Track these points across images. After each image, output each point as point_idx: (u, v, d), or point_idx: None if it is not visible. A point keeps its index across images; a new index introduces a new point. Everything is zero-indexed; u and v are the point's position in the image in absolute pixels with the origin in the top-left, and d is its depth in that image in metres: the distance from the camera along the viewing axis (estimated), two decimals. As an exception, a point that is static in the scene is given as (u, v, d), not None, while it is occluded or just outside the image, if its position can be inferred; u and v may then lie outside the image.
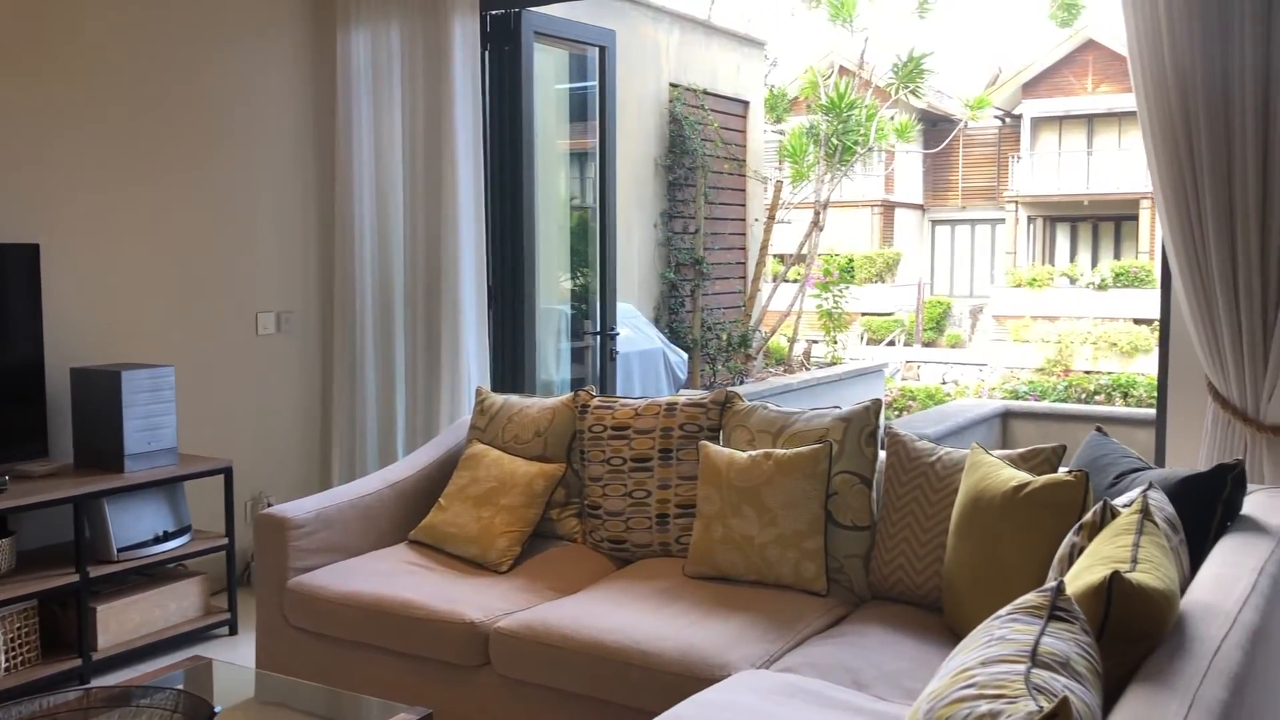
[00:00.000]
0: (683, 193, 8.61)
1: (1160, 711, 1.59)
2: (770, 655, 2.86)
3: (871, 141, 9.86)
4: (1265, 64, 3.19)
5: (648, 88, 8.32)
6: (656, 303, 8.44)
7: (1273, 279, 3.25)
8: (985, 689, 1.55)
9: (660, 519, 3.57)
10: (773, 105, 10.77)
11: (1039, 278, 23.37)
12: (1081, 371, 17.73)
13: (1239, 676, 1.78)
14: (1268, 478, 3.32)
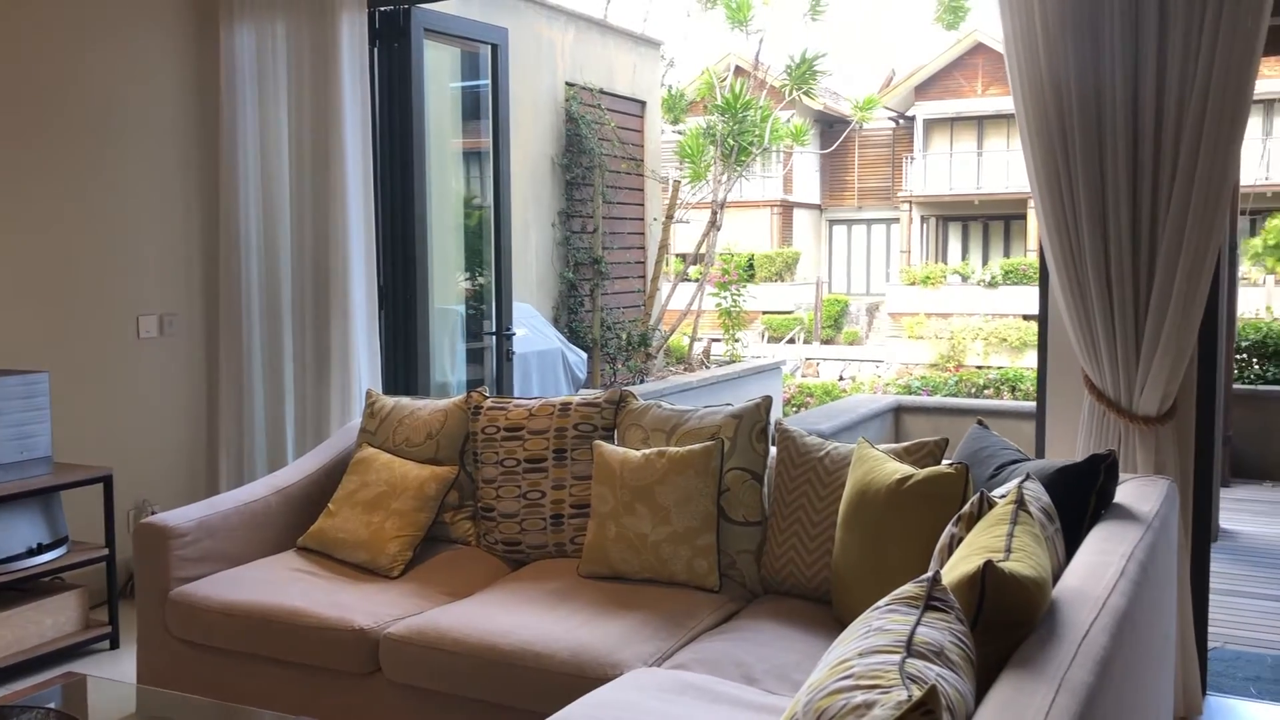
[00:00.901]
0: (580, 192, 8.60)
1: (1028, 697, 1.63)
2: (662, 652, 2.87)
3: (767, 142, 9.96)
4: (1134, 70, 3.30)
5: (543, 86, 8.28)
6: (555, 302, 8.42)
7: (1143, 278, 3.37)
8: (861, 680, 1.57)
9: (555, 519, 3.56)
10: (670, 105, 10.82)
11: (932, 276, 23.93)
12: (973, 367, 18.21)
13: (1105, 660, 1.84)
14: (1140, 467, 3.44)
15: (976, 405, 8.33)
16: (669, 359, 10.30)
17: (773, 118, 9.98)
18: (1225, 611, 4.64)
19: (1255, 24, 3.15)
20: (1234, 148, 3.24)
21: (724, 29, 10.21)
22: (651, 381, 8.77)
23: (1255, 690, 3.84)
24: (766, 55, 10.94)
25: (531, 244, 8.12)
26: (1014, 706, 1.61)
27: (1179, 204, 3.27)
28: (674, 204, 9.53)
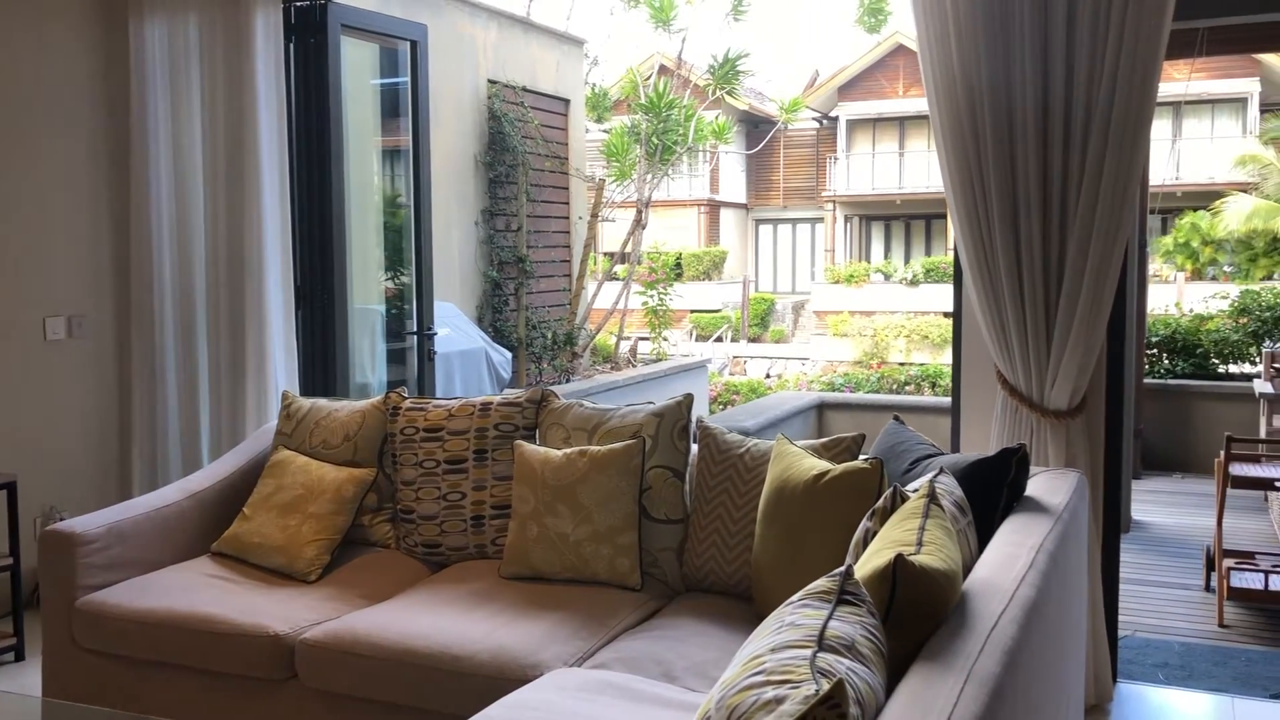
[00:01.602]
0: (504, 190, 8.54)
1: (937, 688, 1.65)
2: (583, 652, 2.86)
3: (691, 141, 9.99)
4: (1043, 73, 3.37)
5: (465, 84, 8.21)
6: (479, 301, 8.35)
7: (1053, 276, 3.44)
8: (773, 675, 1.58)
9: (475, 521, 3.53)
10: (594, 104, 10.80)
11: (856, 274, 24.24)
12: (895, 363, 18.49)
13: (1013, 650, 1.87)
14: (1051, 460, 3.52)
15: (897, 401, 8.46)
16: (595, 358, 10.29)
17: (696, 117, 10.02)
18: (1136, 600, 4.77)
19: (1157, 27, 3.24)
20: (1139, 148, 3.33)
21: (648, 28, 10.23)
22: (578, 381, 8.75)
23: (1163, 676, 3.95)
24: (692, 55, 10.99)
25: (454, 242, 8.05)
26: (923, 698, 1.63)
27: (1087, 203, 3.35)
28: (599, 202, 9.51)
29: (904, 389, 10.90)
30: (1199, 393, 7.68)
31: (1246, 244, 20.11)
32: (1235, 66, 21.92)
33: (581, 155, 9.68)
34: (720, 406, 11.25)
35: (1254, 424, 6.98)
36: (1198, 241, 20.64)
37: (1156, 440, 7.59)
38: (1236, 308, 8.55)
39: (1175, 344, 8.33)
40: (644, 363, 10.22)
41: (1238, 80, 22.31)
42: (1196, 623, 4.51)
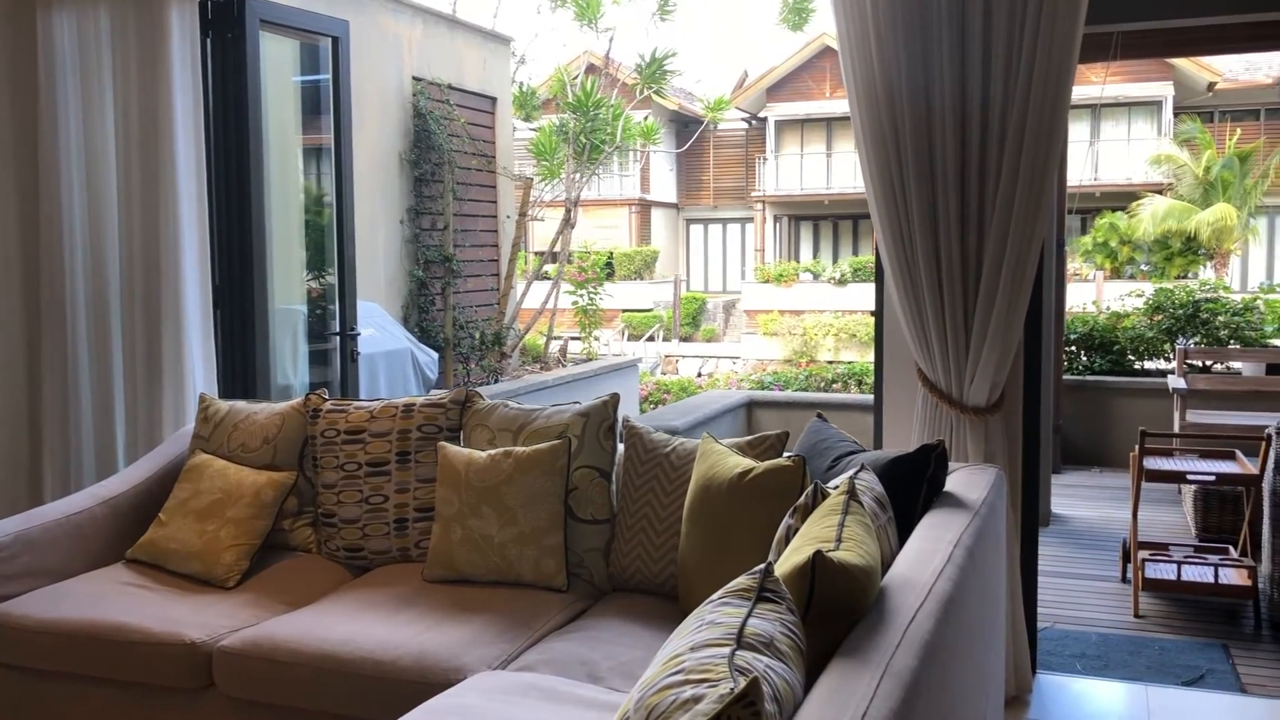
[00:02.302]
0: (430, 189, 8.45)
1: (854, 684, 1.67)
2: (508, 655, 2.84)
3: (619, 141, 9.99)
4: (961, 75, 3.42)
5: (389, 81, 8.12)
6: (405, 301, 8.25)
7: (971, 275, 3.49)
8: (691, 674, 1.58)
9: (399, 524, 3.48)
10: (522, 102, 10.74)
11: (785, 274, 24.45)
12: (824, 362, 18.69)
13: (930, 644, 1.90)
14: (971, 456, 3.57)
15: (824, 399, 8.54)
16: (525, 358, 10.24)
17: (624, 116, 10.01)
18: (1055, 592, 4.86)
19: (1071, 31, 3.30)
20: (1053, 149, 3.39)
21: (575, 27, 10.20)
22: (506, 381, 8.69)
23: (1081, 666, 4.03)
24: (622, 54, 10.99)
25: (379, 242, 7.95)
26: (840, 694, 1.64)
27: (1003, 204, 3.40)
28: (527, 201, 9.46)
29: (831, 387, 11.02)
30: (1116, 388, 7.86)
31: (1163, 243, 20.68)
32: (1150, 71, 22.53)
33: (509, 154, 9.63)
34: (651, 406, 11.26)
35: (1169, 418, 7.16)
36: (1116, 241, 21.17)
37: (1075, 435, 7.76)
38: (1151, 305, 8.77)
39: (1093, 341, 8.52)
40: (574, 362, 10.19)
41: (1152, 84, 22.93)
42: (1113, 614, 4.61)
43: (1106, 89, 21.84)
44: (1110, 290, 16.35)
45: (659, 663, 1.69)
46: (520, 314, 10.07)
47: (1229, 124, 22.86)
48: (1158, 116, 23.53)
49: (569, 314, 11.57)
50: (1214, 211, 19.64)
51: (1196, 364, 7.99)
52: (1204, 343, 8.30)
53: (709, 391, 9.78)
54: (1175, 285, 9.48)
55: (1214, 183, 20.33)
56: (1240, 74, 22.86)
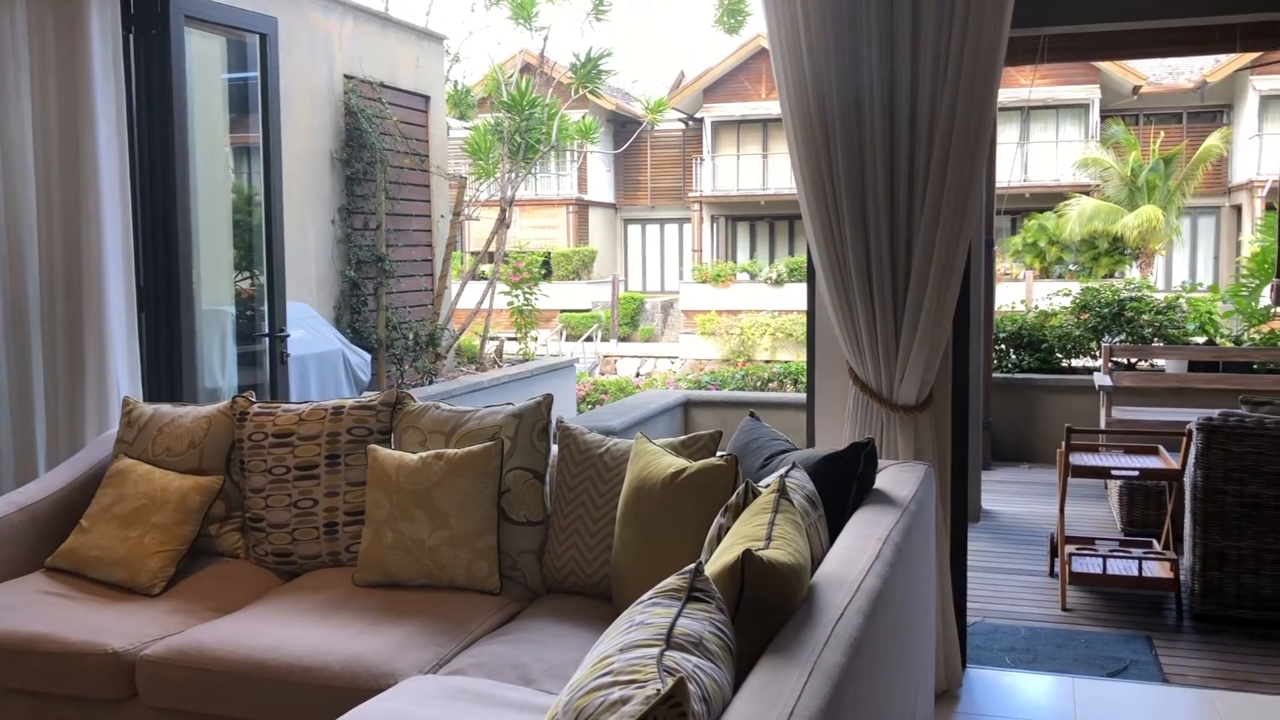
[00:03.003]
0: (362, 188, 8.35)
1: (782, 681, 1.67)
2: (439, 659, 2.82)
3: (555, 140, 9.95)
4: (890, 78, 3.45)
5: (320, 79, 8.00)
6: (337, 302, 8.14)
7: (900, 275, 3.53)
8: (620, 676, 1.57)
9: (329, 528, 3.44)
10: (457, 101, 10.66)
11: (722, 274, 24.58)
12: (761, 361, 18.81)
13: (858, 641, 1.91)
14: (901, 453, 3.61)
15: (760, 398, 8.60)
16: (460, 359, 10.16)
17: (560, 116, 9.98)
18: (985, 587, 4.94)
19: (997, 33, 3.35)
20: (980, 151, 3.43)
21: (510, 25, 10.15)
22: (441, 382, 8.62)
23: (1010, 660, 4.10)
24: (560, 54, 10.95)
25: (310, 241, 7.83)
26: (768, 692, 1.64)
27: (931, 204, 3.45)
28: (461, 200, 9.39)
29: (767, 386, 11.09)
30: (1044, 386, 8.01)
31: (1090, 243, 21.14)
32: (1077, 74, 23.02)
33: (444, 153, 9.55)
34: (589, 406, 11.24)
35: (1096, 415, 7.32)
36: (1044, 241, 21.58)
37: (1005, 432, 7.89)
38: (1078, 304, 8.95)
39: (1021, 339, 8.67)
40: (510, 363, 10.14)
41: (1080, 87, 23.43)
42: (1041, 607, 4.70)
43: (1036, 92, 22.28)
44: (1039, 289, 16.67)
45: (588, 664, 1.68)
46: (456, 314, 9.99)
47: (1153, 127, 23.43)
48: (1085, 119, 24.05)
49: (506, 314, 11.50)
50: (1141, 213, 20.13)
51: (1122, 361, 8.17)
52: (1129, 340, 8.49)
53: (646, 392, 9.79)
54: (1101, 284, 9.69)
55: (1140, 184, 20.83)
56: (1164, 78, 23.45)
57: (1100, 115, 23.75)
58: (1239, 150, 22.59)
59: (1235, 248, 21.68)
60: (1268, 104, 21.34)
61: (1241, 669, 4.00)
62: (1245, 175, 22.13)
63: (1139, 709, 3.71)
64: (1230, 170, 23.22)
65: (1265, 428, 4.31)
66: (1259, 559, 4.35)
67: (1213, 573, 4.41)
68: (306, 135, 7.84)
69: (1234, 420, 4.37)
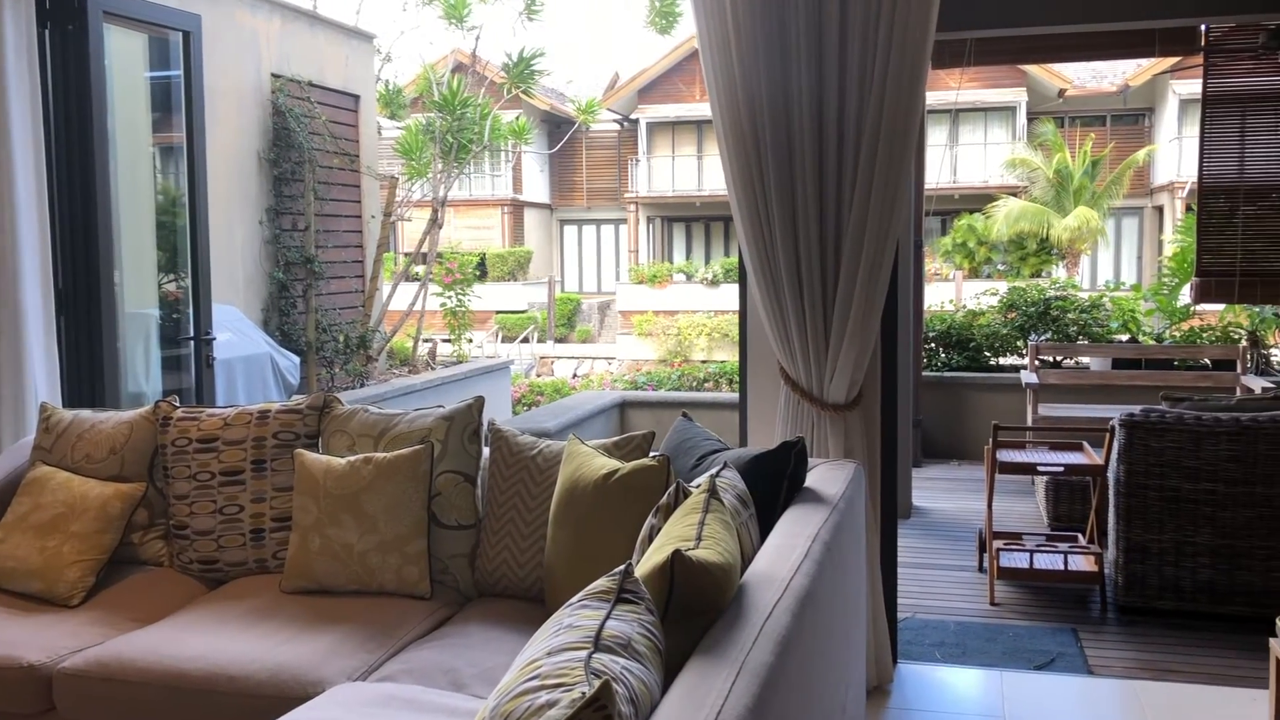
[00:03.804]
0: (291, 188, 8.22)
1: (710, 681, 1.67)
2: (368, 665, 2.78)
3: (487, 140, 9.89)
4: (819, 81, 3.48)
5: (247, 78, 7.87)
6: (265, 304, 8.01)
7: (830, 276, 3.56)
8: (548, 679, 1.56)
9: (255, 534, 3.37)
10: (388, 101, 10.55)
11: (659, 274, 24.63)
12: (698, 361, 18.87)
13: (786, 639, 1.92)
14: (832, 452, 3.64)
15: (695, 398, 8.63)
16: (393, 361, 10.05)
17: (492, 116, 9.92)
18: (916, 583, 5.00)
19: (923, 36, 3.39)
20: (907, 152, 3.48)
21: (442, 25, 10.06)
22: (373, 385, 8.52)
23: (940, 655, 4.15)
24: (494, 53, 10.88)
25: (237, 243, 7.70)
26: (696, 692, 1.64)
27: (859, 204, 3.48)
28: (391, 201, 9.29)
29: (703, 386, 11.12)
30: (973, 384, 8.14)
31: (1018, 244, 21.55)
32: (1004, 77, 23.45)
33: (374, 153, 9.44)
34: (524, 408, 11.19)
35: (1023, 412, 7.45)
36: (974, 242, 21.95)
37: (935, 430, 8.00)
38: (1005, 304, 9.11)
39: (950, 338, 8.80)
40: (444, 365, 10.05)
41: (1007, 90, 23.87)
42: (971, 602, 4.77)
43: (964, 95, 22.65)
44: (969, 289, 16.95)
45: (516, 668, 1.67)
46: (388, 316, 9.88)
47: (1079, 129, 23.95)
48: (1012, 122, 24.51)
49: (440, 316, 11.41)
50: (1078, 214, 20.56)
51: (1048, 359, 8.33)
52: (1055, 339, 8.66)
53: (582, 393, 9.77)
54: (1027, 284, 9.87)
55: (1065, 185, 21.27)
56: (1088, 81, 23.98)
57: (1027, 118, 24.22)
58: (1160, 152, 23.18)
59: (1158, 247, 22.24)
60: (1187, 107, 21.91)
61: (1163, 659, 4.09)
62: (1167, 177, 22.71)
63: (1065, 700, 3.78)
64: (1152, 172, 23.82)
65: (1185, 423, 4.42)
66: (1179, 551, 4.46)
67: (1135, 565, 4.52)
68: (233, 135, 7.70)
69: (1155, 416, 4.47)
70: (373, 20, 31.97)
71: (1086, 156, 21.47)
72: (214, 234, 5.36)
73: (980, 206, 22.44)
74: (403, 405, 7.36)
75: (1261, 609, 4.32)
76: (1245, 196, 6.91)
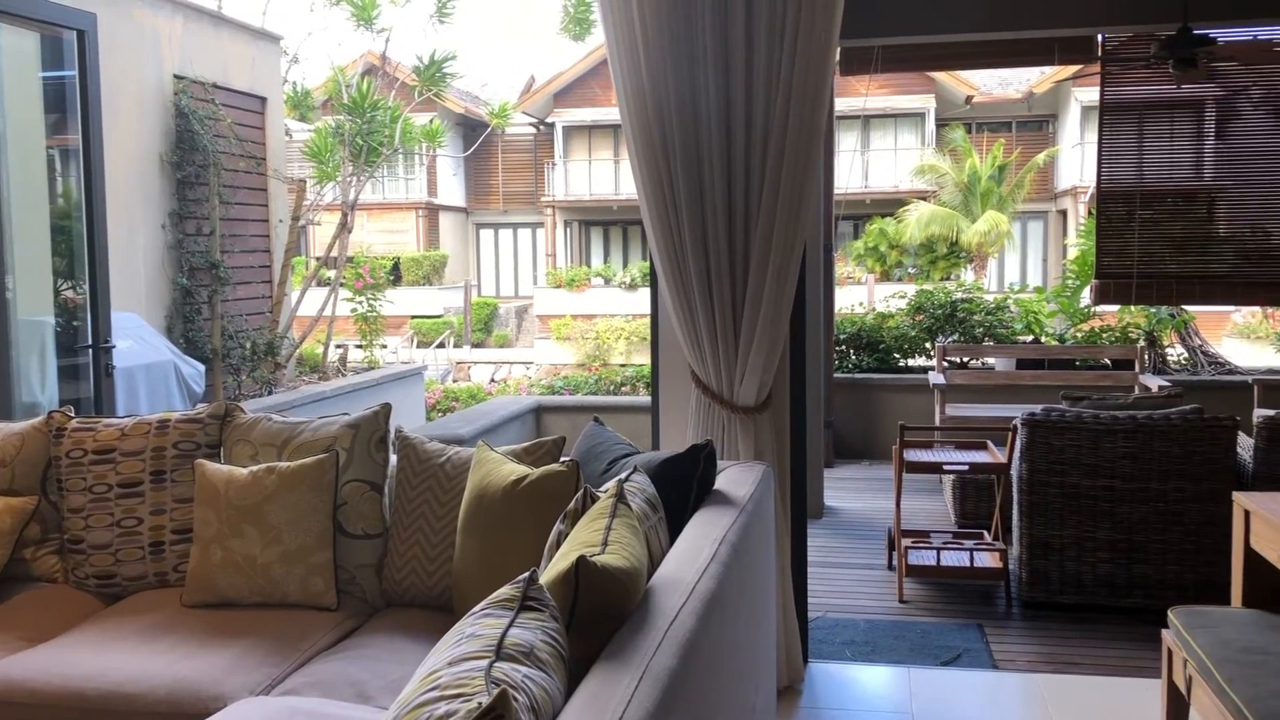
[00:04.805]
0: (195, 192, 8.03)
1: (612, 688, 1.67)
2: (272, 679, 2.72)
3: (398, 143, 9.77)
4: (726, 86, 3.50)
5: (147, 78, 7.66)
6: (169, 311, 7.81)
7: (739, 279, 3.59)
8: (447, 690, 1.54)
9: (154, 547, 3.28)
10: (297, 103, 10.36)
11: (577, 278, 24.60)
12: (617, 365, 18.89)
13: (690, 643, 1.92)
14: (742, 454, 3.67)
15: (611, 402, 8.63)
16: (302, 368, 9.87)
17: (404, 118, 9.80)
18: (827, 582, 5.06)
19: (827, 42, 3.43)
20: (813, 157, 3.52)
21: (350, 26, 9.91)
22: (282, 392, 8.36)
23: (850, 653, 4.21)
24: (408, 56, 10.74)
25: (139, 248, 7.49)
26: (598, 699, 1.64)
27: (767, 209, 3.51)
28: (300, 205, 9.12)
29: (621, 390, 11.13)
30: (883, 385, 8.27)
31: (928, 248, 21.99)
32: (914, 84, 23.92)
33: (282, 156, 9.26)
34: (439, 414, 11.08)
35: (931, 412, 7.59)
36: (885, 246, 22.34)
37: (847, 430, 8.12)
38: (913, 306, 9.28)
39: (861, 340, 8.94)
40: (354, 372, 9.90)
41: (916, 97, 24.34)
42: (880, 600, 4.84)
43: (875, 101, 23.06)
44: (881, 292, 17.25)
45: (417, 679, 1.65)
46: (298, 322, 9.71)
47: (986, 135, 24.53)
48: (921, 128, 25.00)
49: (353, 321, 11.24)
50: (988, 218, 21.03)
51: (955, 360, 8.50)
52: (961, 340, 8.84)
53: (497, 398, 9.70)
54: (935, 287, 10.06)
55: (973, 190, 21.76)
56: (995, 88, 24.57)
57: (936, 124, 24.72)
58: (1064, 158, 23.86)
59: (1062, 251, 22.87)
60: (1089, 114, 22.57)
61: (1064, 652, 4.20)
62: (1070, 181, 23.37)
63: (970, 695, 3.86)
64: (1056, 177, 24.50)
65: (1084, 421, 4.54)
66: (1080, 547, 4.58)
67: (1038, 561, 4.63)
68: (134, 137, 7.49)
69: (1055, 415, 4.59)
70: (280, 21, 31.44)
71: (994, 161, 21.99)
72: (114, 239, 5.21)
73: (892, 211, 22.85)
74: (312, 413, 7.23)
75: (1158, 601, 4.46)
76: (1142, 201, 7.16)
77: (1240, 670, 2.60)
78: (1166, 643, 3.05)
